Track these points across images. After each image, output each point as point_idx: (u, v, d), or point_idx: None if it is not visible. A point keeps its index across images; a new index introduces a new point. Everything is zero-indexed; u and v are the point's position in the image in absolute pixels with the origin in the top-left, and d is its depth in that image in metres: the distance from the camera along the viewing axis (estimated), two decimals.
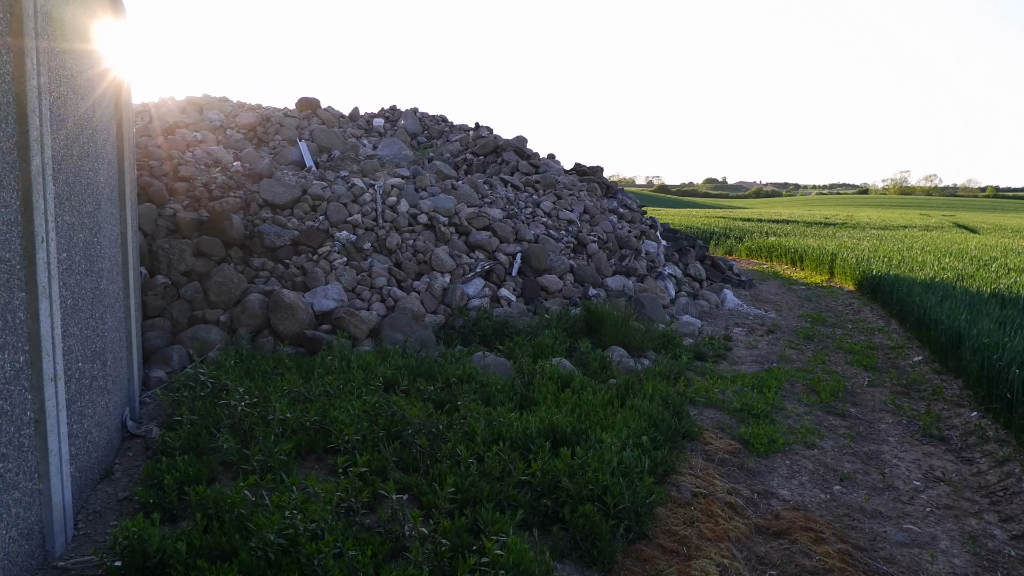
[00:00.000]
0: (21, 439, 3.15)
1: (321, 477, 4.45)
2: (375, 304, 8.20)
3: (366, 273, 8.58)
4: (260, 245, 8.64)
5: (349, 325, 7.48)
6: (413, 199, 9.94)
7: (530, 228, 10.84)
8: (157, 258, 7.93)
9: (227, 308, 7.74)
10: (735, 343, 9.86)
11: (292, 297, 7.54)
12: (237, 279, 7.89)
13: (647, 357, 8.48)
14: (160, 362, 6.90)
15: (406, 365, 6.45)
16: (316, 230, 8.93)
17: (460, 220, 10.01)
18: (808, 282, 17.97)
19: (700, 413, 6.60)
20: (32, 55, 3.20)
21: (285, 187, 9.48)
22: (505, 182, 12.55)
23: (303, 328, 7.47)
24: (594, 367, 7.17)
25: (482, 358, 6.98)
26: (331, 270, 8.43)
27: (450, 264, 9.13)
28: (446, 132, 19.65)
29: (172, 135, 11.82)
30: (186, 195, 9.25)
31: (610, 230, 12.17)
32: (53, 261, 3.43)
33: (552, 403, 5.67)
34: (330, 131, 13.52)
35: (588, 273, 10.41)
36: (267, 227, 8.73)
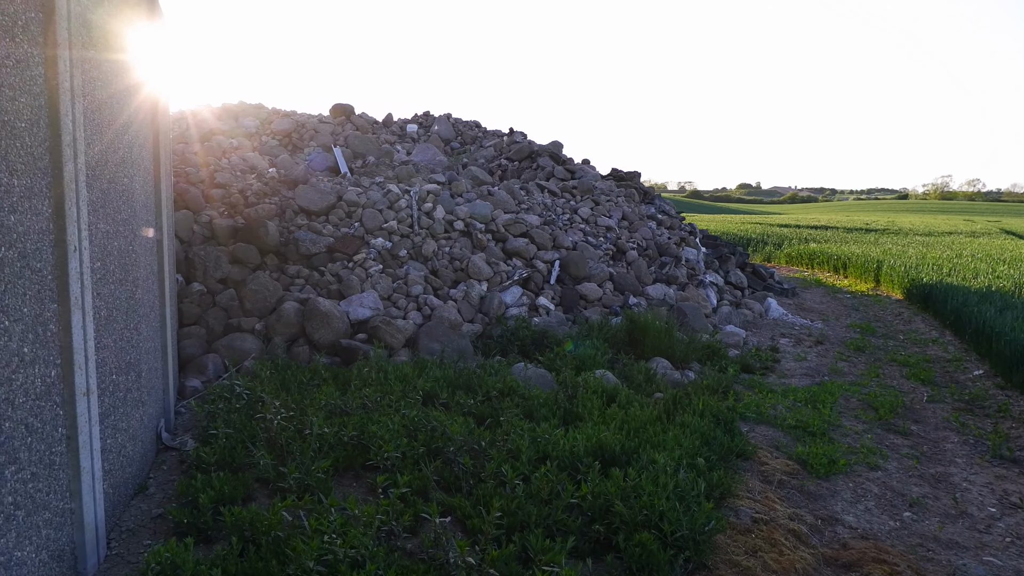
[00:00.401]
0: (52, 457, 3.00)
1: (360, 496, 4.26)
2: (411, 313, 8.03)
3: (402, 281, 8.41)
4: (295, 252, 8.52)
5: (385, 335, 7.31)
6: (449, 205, 9.76)
7: (568, 235, 10.60)
8: (193, 265, 7.85)
9: (262, 316, 7.62)
10: (783, 355, 9.50)
11: (327, 306, 7.39)
12: (272, 287, 7.77)
13: (691, 369, 8.18)
14: (196, 371, 6.79)
15: (444, 377, 6.25)
16: (351, 237, 8.79)
17: (497, 226, 9.81)
18: (853, 290, 17.45)
19: (752, 430, 6.30)
20: (65, 58, 3.06)
21: (320, 193, 9.36)
22: (542, 188, 12.32)
23: (339, 337, 7.32)
24: (638, 380, 6.90)
25: (523, 370, 6.75)
26: (367, 278, 8.28)
27: (487, 272, 8.93)
28: (479, 138, 19.51)
29: (208, 141, 11.82)
30: (222, 202, 9.18)
31: (649, 237, 11.87)
32: (86, 270, 3.28)
33: (598, 419, 5.42)
34: (364, 137, 13.43)
35: (628, 281, 10.13)
36: (302, 234, 8.61)
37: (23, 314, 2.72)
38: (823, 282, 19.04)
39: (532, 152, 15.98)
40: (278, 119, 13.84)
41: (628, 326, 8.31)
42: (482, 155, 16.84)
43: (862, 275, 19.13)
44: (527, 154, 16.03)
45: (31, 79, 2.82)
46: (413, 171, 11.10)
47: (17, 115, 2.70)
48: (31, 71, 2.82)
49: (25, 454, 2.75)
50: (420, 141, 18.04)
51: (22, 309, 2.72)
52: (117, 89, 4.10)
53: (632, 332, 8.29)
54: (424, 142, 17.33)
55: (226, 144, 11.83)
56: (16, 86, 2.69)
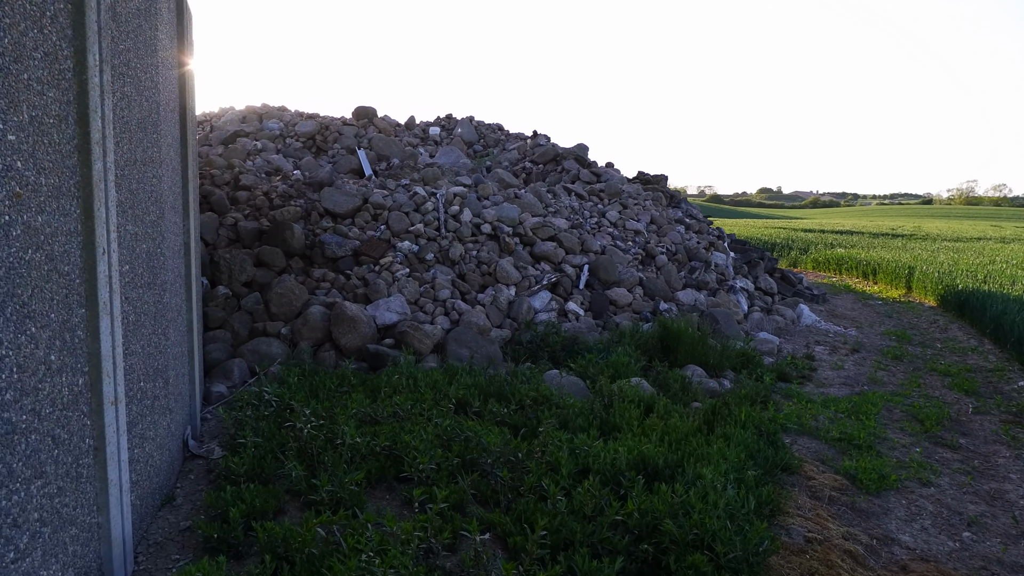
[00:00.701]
0: (79, 469, 2.86)
1: (394, 510, 4.08)
2: (439, 317, 7.86)
3: (429, 285, 8.25)
4: (321, 255, 8.39)
5: (413, 340, 7.15)
6: (476, 208, 9.60)
7: (596, 239, 10.40)
8: (218, 268, 7.74)
9: (288, 320, 7.49)
10: (819, 363, 9.22)
11: (354, 310, 7.24)
12: (298, 291, 7.64)
13: (726, 377, 7.94)
14: (221, 376, 6.66)
15: (475, 384, 6.07)
16: (378, 240, 8.65)
17: (524, 230, 9.63)
18: (884, 297, 17.08)
19: (795, 442, 6.06)
20: (95, 52, 2.92)
21: (346, 196, 9.24)
22: (569, 191, 12.13)
23: (365, 342, 7.17)
24: (674, 388, 6.68)
25: (555, 377, 6.56)
26: (393, 282, 8.13)
27: (515, 276, 8.75)
28: (502, 140, 19.36)
29: (233, 144, 11.76)
30: (247, 204, 9.09)
31: (678, 241, 11.64)
32: (115, 274, 3.14)
33: (637, 430, 5.21)
34: (388, 139, 13.32)
35: (658, 286, 9.91)
36: (328, 237, 8.49)
37: (50, 320, 2.58)
38: (853, 288, 18.67)
39: (557, 155, 15.80)
40: (302, 121, 13.77)
41: (661, 333, 8.09)
42: (506, 158, 16.68)
43: (893, 281, 18.74)
44: (552, 157, 15.85)
45: (59, 73, 2.68)
46: (439, 173, 10.96)
47: (45, 110, 2.56)
48: (59, 64, 2.68)
49: (52, 467, 2.61)
50: (443, 144, 17.92)
51: (49, 315, 2.58)
52: (146, 86, 3.97)
53: (665, 339, 8.06)
54: (447, 145, 17.21)
55: (250, 146, 11.76)
56: (45, 80, 2.55)
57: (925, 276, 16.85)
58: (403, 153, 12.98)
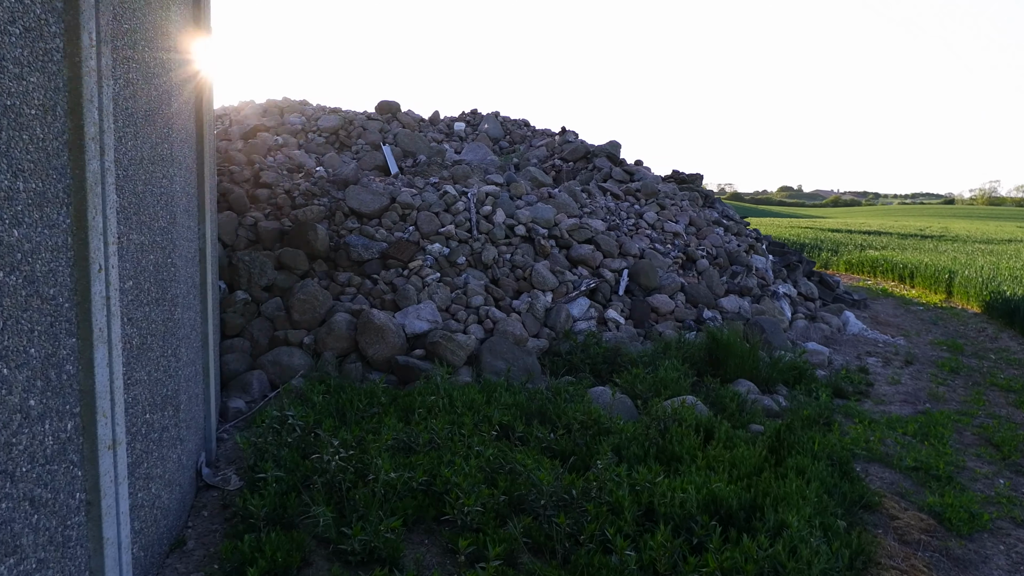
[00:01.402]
0: (67, 532, 2.37)
1: (435, 559, 3.57)
2: (472, 326, 7.34)
3: (461, 291, 7.74)
4: (346, 258, 7.90)
5: (445, 351, 6.64)
6: (510, 208, 9.07)
7: (634, 241, 9.84)
8: (237, 272, 7.28)
9: (311, 328, 7.00)
10: (874, 376, 8.61)
11: (382, 318, 6.74)
12: (322, 296, 7.15)
13: (779, 393, 7.37)
14: (239, 389, 6.20)
15: (516, 404, 5.55)
16: (406, 242, 8.14)
17: (560, 232, 9.09)
18: (923, 302, 16.35)
19: (866, 471, 5.48)
20: (90, 29, 2.42)
21: (373, 195, 8.75)
22: (604, 190, 11.56)
23: (394, 353, 6.67)
24: (730, 408, 6.12)
25: (601, 395, 6.02)
26: (423, 287, 7.63)
27: (552, 281, 8.21)
28: (528, 137, 18.82)
29: (252, 139, 11.30)
30: (267, 203, 8.62)
31: (719, 244, 11.04)
32: (114, 294, 2.64)
33: (701, 462, 4.65)
34: (413, 135, 12.82)
35: (701, 292, 9.33)
36: (354, 238, 7.99)
37: (29, 357, 2.09)
38: (890, 292, 17.94)
39: (588, 152, 15.23)
40: (324, 116, 13.30)
41: (709, 345, 7.52)
42: (534, 155, 16.13)
43: (932, 285, 18.00)
44: (582, 154, 15.28)
45: (45, 53, 2.19)
46: (469, 171, 10.44)
47: (25, 99, 2.06)
48: (45, 43, 2.19)
49: (29, 538, 2.11)
50: (468, 140, 17.42)
51: (28, 350, 2.08)
52: (155, 71, 3.48)
53: (713, 351, 7.49)
54: (472, 141, 16.69)
55: (271, 142, 11.30)
56: (24, 61, 2.06)
57: (967, 281, 16.12)
58: (429, 149, 12.47)
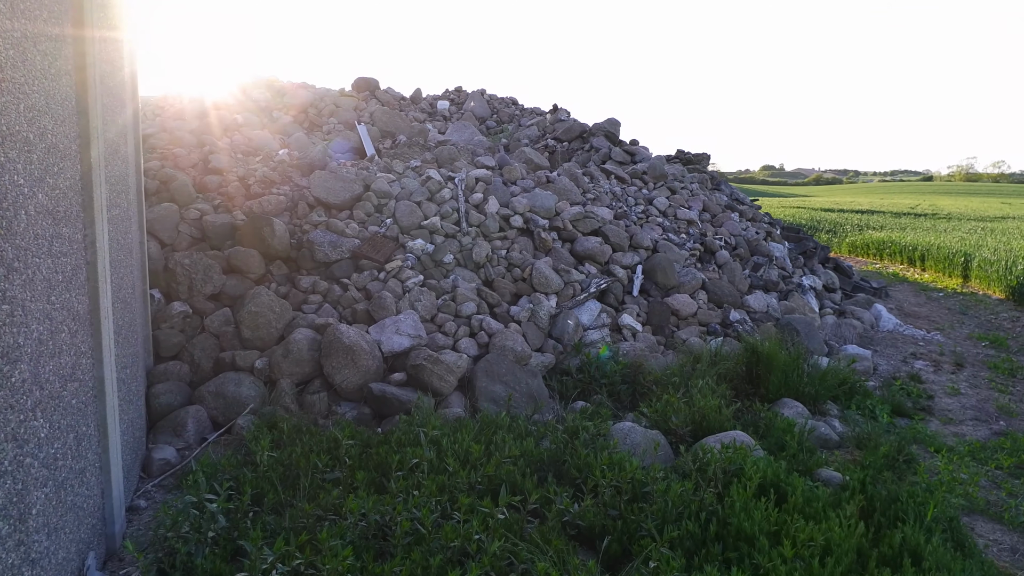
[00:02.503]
0: None
1: None
2: (463, 340, 6.06)
3: (449, 296, 6.44)
4: (310, 259, 6.57)
5: (431, 376, 5.35)
6: (504, 196, 7.76)
7: (645, 231, 8.56)
8: (175, 277, 5.93)
9: (265, 348, 5.69)
10: (929, 386, 7.42)
11: (353, 337, 5.44)
12: (279, 307, 5.83)
13: (830, 414, 6.17)
14: (170, 431, 4.89)
15: (523, 451, 4.28)
16: (383, 238, 6.82)
17: (563, 223, 7.79)
18: (940, 287, 15.27)
19: (972, 526, 4.30)
20: None
21: (342, 181, 7.40)
22: (607, 173, 10.26)
23: (368, 379, 5.38)
24: (792, 448, 4.89)
25: (629, 432, 4.77)
26: (403, 293, 6.32)
27: (556, 282, 6.93)
28: (517, 116, 17.50)
29: (207, 117, 9.89)
30: (217, 192, 7.26)
31: (736, 232, 9.79)
32: None
33: (788, 550, 3.41)
34: (392, 113, 11.44)
35: (724, 290, 8.08)
36: (319, 235, 6.66)
37: None
38: (903, 277, 16.86)
39: (583, 131, 13.92)
40: (292, 91, 11.87)
41: (747, 357, 6.28)
42: (525, 135, 14.78)
43: (945, 269, 16.93)
44: (577, 134, 13.97)
45: None
46: (455, 152, 9.09)
47: None
48: None
49: None
50: (452, 119, 16.06)
51: None
52: None
53: (752, 365, 6.27)
54: (457, 120, 15.33)
55: (230, 120, 9.89)
56: None
57: (988, 264, 15.06)
58: (411, 129, 11.11)
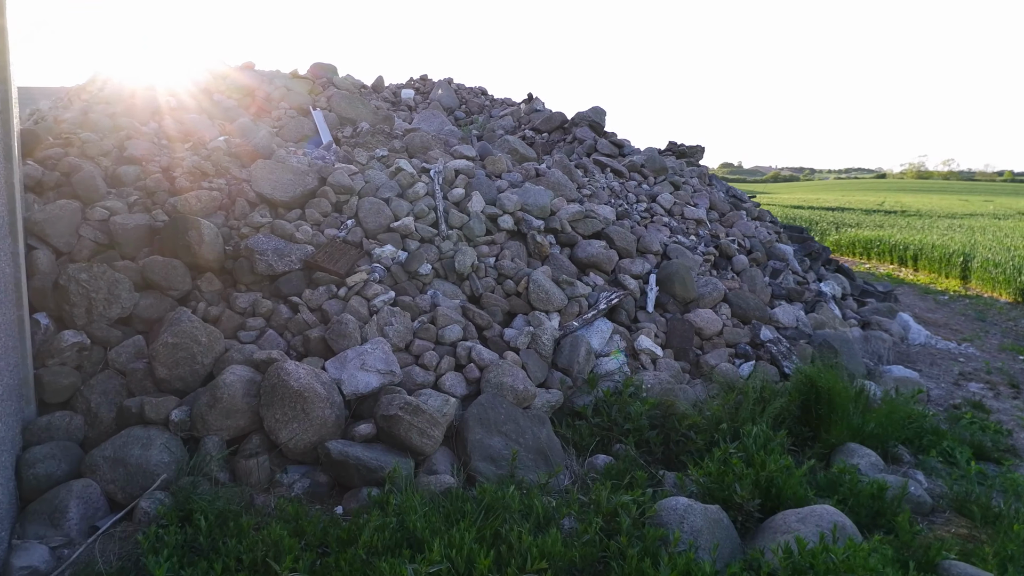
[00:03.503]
0: None
1: None
2: (448, 376, 4.72)
3: (427, 317, 5.09)
4: (249, 271, 5.16)
5: (411, 431, 4.01)
6: (489, 192, 6.44)
7: (651, 233, 7.31)
8: (68, 297, 4.48)
9: (187, 392, 4.29)
10: (997, 416, 6.30)
11: (304, 379, 4.06)
12: (207, 336, 4.43)
13: (903, 460, 5.00)
14: (44, 519, 3.47)
15: (548, 554, 2.97)
16: (343, 244, 5.44)
17: (560, 223, 6.50)
18: (940, 289, 14.41)
19: None
20: None
21: (293, 173, 5.99)
22: (602, 166, 8.98)
23: (325, 434, 4.02)
24: (903, 529, 3.66)
25: (686, 516, 3.49)
26: (370, 315, 4.96)
27: (558, 297, 5.63)
28: (487, 106, 16.19)
29: (134, 98, 8.36)
30: (135, 186, 5.80)
31: (750, 232, 8.62)
32: None
33: None
34: (353, 97, 10.02)
35: (749, 302, 6.87)
36: (262, 240, 5.25)
37: None
38: (897, 277, 16.00)
39: (564, 122, 12.66)
40: (236, 72, 10.36)
41: (802, 392, 5.05)
42: (500, 125, 13.46)
43: (941, 269, 16.11)
44: (558, 124, 12.70)
45: None
46: (429, 140, 7.73)
47: None
48: None
49: None
50: (418, 110, 14.68)
51: None
52: None
53: (807, 401, 5.04)
54: (424, 111, 13.94)
55: (161, 102, 8.38)
56: None
57: (992, 266, 14.23)
58: (374, 116, 9.70)
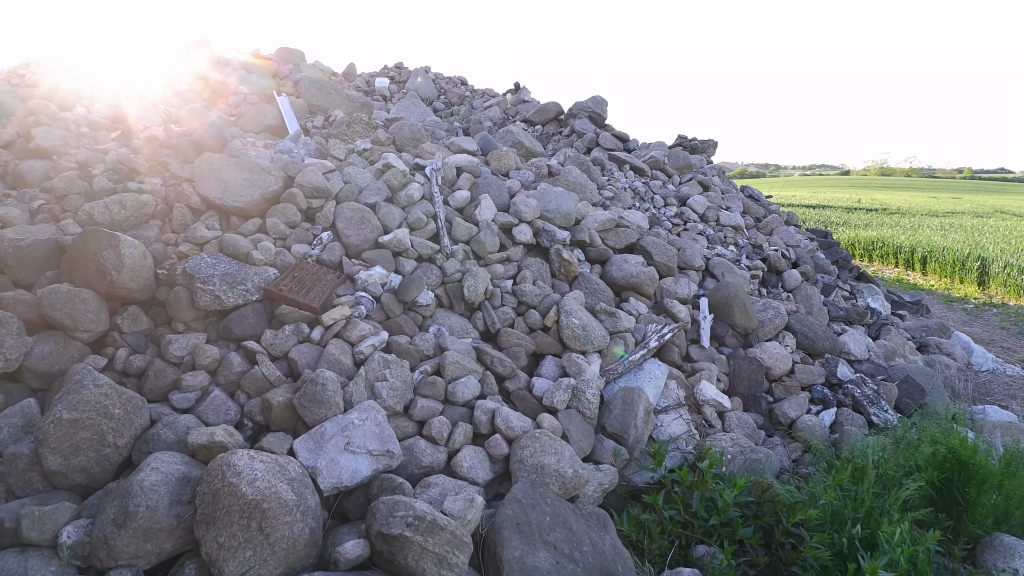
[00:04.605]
0: None
1: None
2: (464, 452, 3.40)
3: (430, 365, 3.76)
4: (189, 304, 3.78)
5: (423, 559, 2.68)
6: (500, 195, 5.12)
7: (688, 244, 6.05)
8: None
9: (91, 488, 2.93)
10: None
11: (261, 482, 2.71)
12: (122, 407, 3.06)
13: None
14: None
15: None
16: (316, 266, 4.08)
17: (589, 235, 5.20)
18: (960, 296, 13.45)
19: None
20: None
21: (250, 171, 4.61)
22: (620, 162, 7.69)
23: (294, 563, 2.67)
24: None
25: None
26: (355, 366, 3.62)
27: (598, 333, 4.33)
28: (468, 97, 14.88)
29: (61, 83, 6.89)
30: (41, 187, 4.39)
31: (794, 241, 7.41)
32: None
33: None
34: (324, 82, 8.63)
35: (815, 330, 5.63)
36: (206, 262, 3.87)
37: None
38: (913, 283, 15.03)
39: (560, 113, 11.37)
40: (187, 51, 8.89)
41: (942, 465, 3.80)
42: (487, 117, 12.12)
43: (954, 274, 15.19)
44: (553, 116, 11.40)
45: None
46: (419, 132, 6.37)
47: None
48: None
49: None
50: (394, 100, 13.32)
51: None
52: None
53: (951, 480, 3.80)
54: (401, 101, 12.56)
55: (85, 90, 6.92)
56: None
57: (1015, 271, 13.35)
58: (349, 104, 8.32)
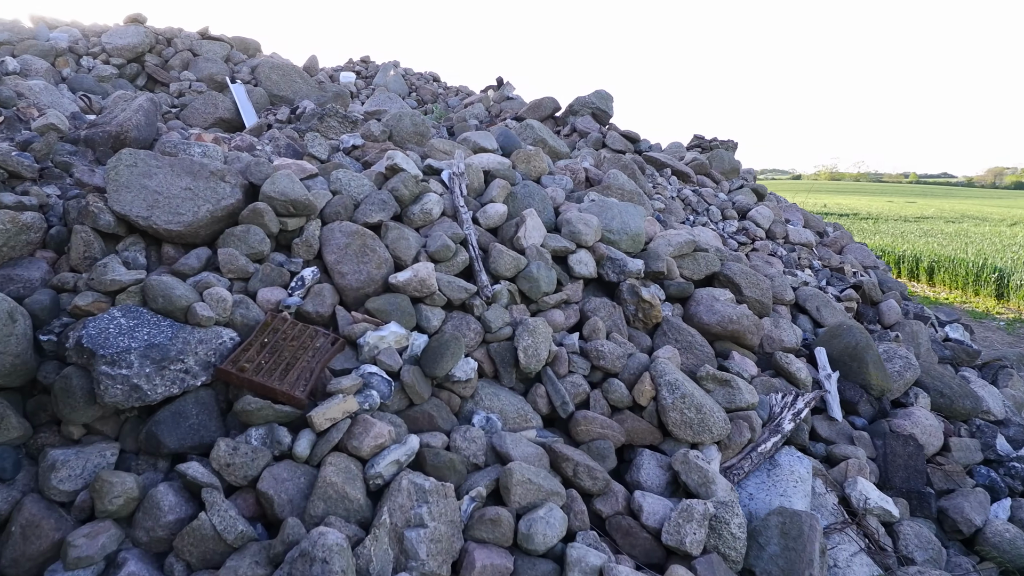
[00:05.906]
0: None
1: None
2: None
3: (484, 484, 2.33)
4: (84, 397, 2.29)
5: None
6: (545, 209, 3.71)
7: (764, 267, 4.72)
8: None
9: None
10: None
11: None
12: None
13: None
14: None
15: None
16: (294, 324, 2.61)
17: (662, 262, 3.82)
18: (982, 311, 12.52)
19: None
20: None
21: (192, 176, 3.11)
22: (658, 164, 6.31)
23: None
24: None
25: None
26: (368, 498, 2.16)
27: (717, 416, 2.94)
28: (441, 95, 13.53)
29: None
30: None
31: (870, 262, 6.14)
32: None
33: None
34: (288, 69, 7.12)
35: (951, 385, 4.31)
36: (113, 324, 2.38)
37: None
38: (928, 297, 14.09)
39: (557, 110, 10.02)
40: (115, 30, 7.27)
41: None
42: (471, 114, 10.71)
43: (967, 286, 14.31)
44: (549, 112, 10.03)
45: None
46: (425, 126, 4.91)
47: None
48: None
49: None
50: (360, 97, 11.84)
51: None
52: None
53: None
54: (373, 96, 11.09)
55: None
56: None
57: None
58: (319, 94, 6.81)
